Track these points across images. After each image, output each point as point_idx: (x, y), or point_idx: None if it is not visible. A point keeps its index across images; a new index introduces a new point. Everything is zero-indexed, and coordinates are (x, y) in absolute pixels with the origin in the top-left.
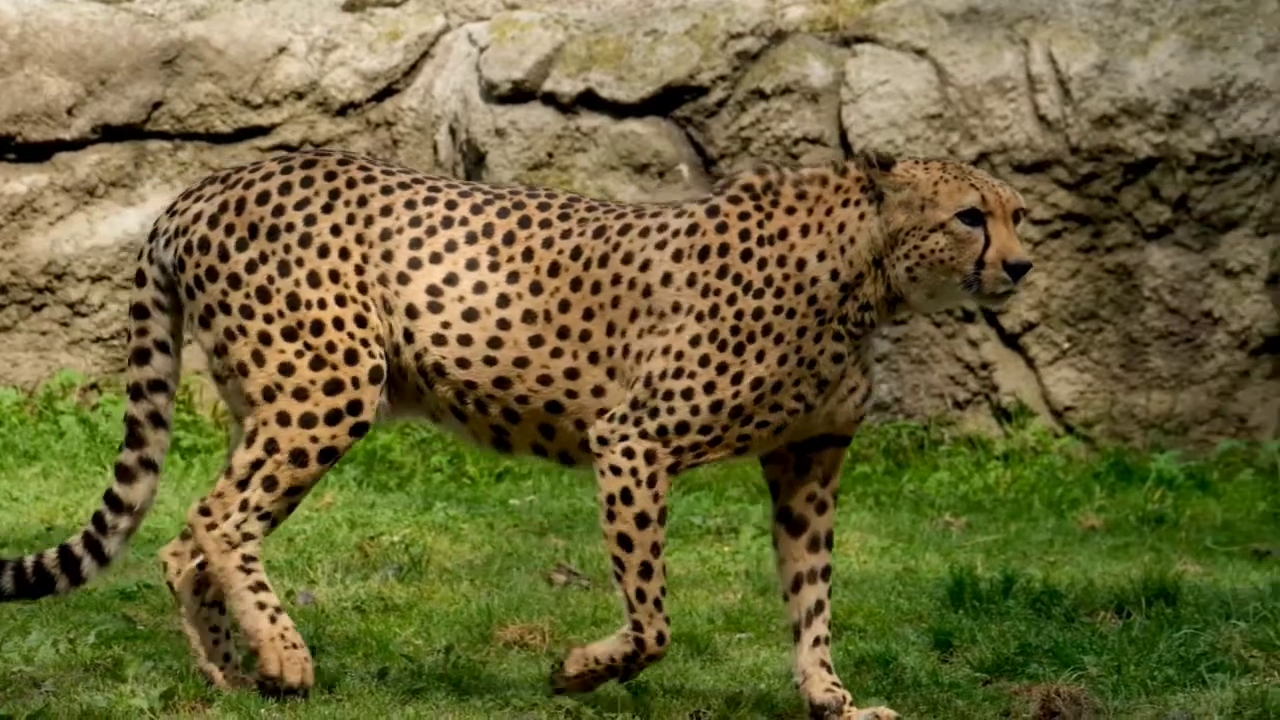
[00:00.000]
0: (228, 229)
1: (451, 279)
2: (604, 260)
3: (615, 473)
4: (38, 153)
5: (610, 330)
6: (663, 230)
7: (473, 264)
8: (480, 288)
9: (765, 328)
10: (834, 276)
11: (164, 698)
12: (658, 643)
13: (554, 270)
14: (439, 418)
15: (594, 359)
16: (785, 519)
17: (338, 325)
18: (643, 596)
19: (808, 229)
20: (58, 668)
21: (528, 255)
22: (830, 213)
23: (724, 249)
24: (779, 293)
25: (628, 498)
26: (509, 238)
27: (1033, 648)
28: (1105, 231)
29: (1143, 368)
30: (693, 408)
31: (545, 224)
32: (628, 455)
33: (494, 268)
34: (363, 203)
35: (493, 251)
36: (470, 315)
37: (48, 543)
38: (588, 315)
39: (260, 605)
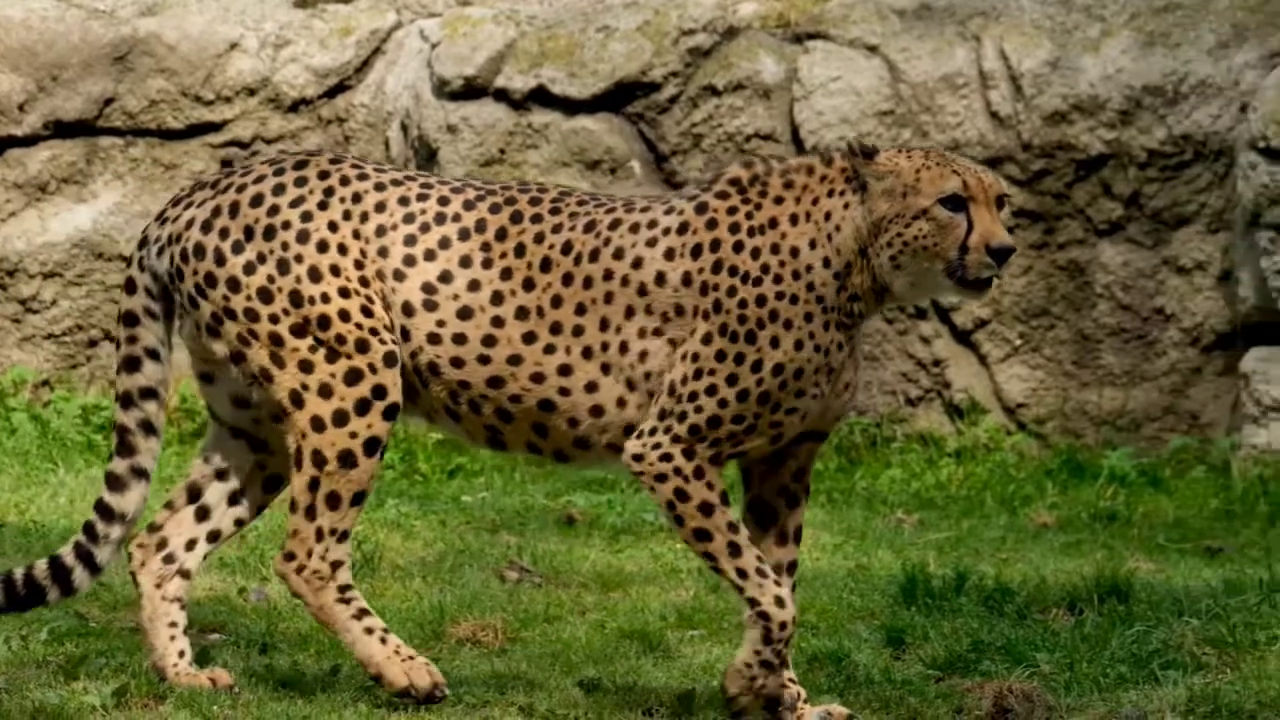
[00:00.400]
0: (222, 233)
1: (446, 276)
2: (595, 255)
3: (661, 480)
4: None
5: (604, 325)
6: (653, 228)
7: (466, 261)
8: (474, 285)
9: (772, 314)
10: (826, 264)
11: (117, 694)
12: (778, 606)
13: (546, 265)
14: (434, 418)
15: (587, 354)
16: (755, 510)
17: (344, 318)
18: (744, 574)
19: (797, 218)
20: (10, 665)
21: (520, 251)
22: (817, 202)
23: (715, 244)
24: (777, 279)
25: (683, 495)
26: (501, 233)
27: (985, 645)
28: (1057, 228)
29: (1095, 365)
30: (720, 401)
31: (537, 219)
32: (666, 459)
33: (487, 264)
34: (357, 199)
35: (485, 247)
36: (465, 313)
37: None
38: (580, 310)
39: (368, 631)
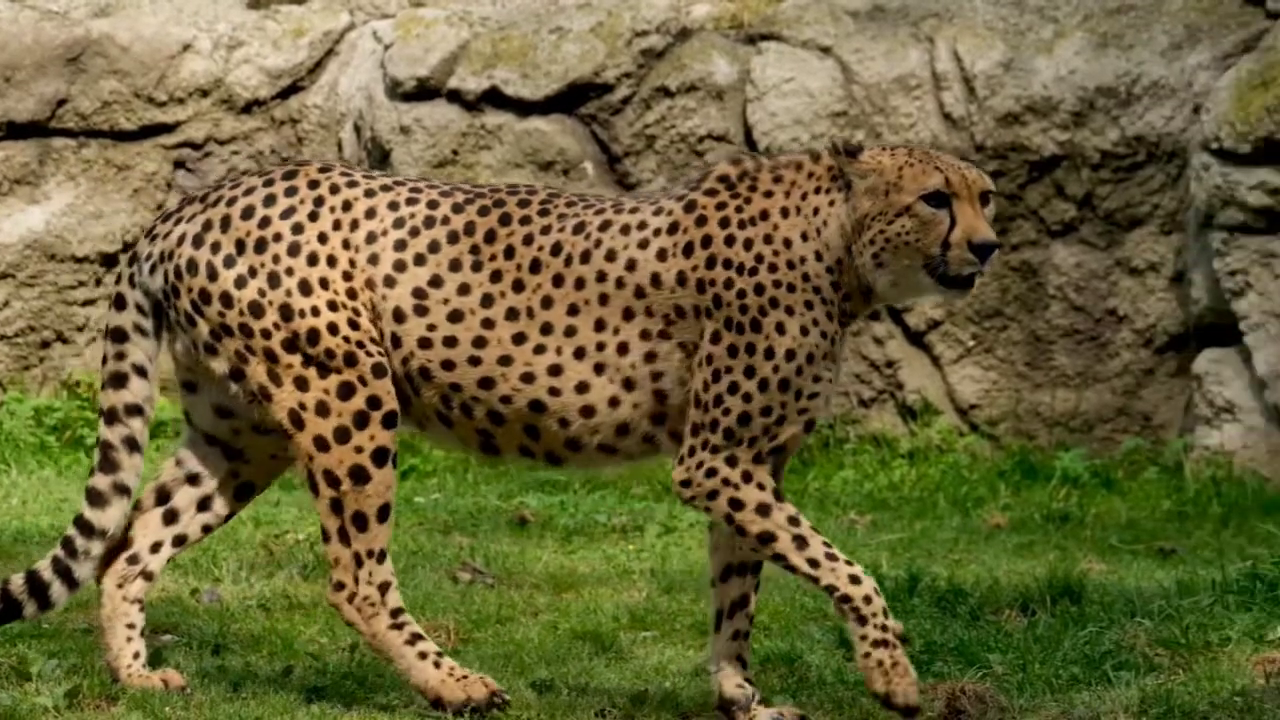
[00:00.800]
0: (214, 247)
1: (436, 280)
2: (586, 257)
3: (713, 497)
4: None
5: (599, 327)
6: (643, 229)
7: (456, 264)
8: (464, 288)
9: (771, 301)
10: (819, 258)
11: (69, 696)
12: (854, 584)
13: (536, 267)
14: (425, 425)
15: (579, 355)
16: None
17: (332, 331)
18: (815, 563)
19: (787, 211)
20: None
21: (510, 253)
22: (805, 197)
23: (707, 240)
24: (772, 268)
25: (737, 504)
26: (490, 235)
27: (938, 646)
28: (1010, 229)
29: (1047, 366)
30: (744, 396)
31: (526, 220)
32: (711, 474)
33: (477, 267)
34: (347, 207)
35: (475, 250)
36: (455, 316)
37: None
38: (572, 311)
39: (422, 656)
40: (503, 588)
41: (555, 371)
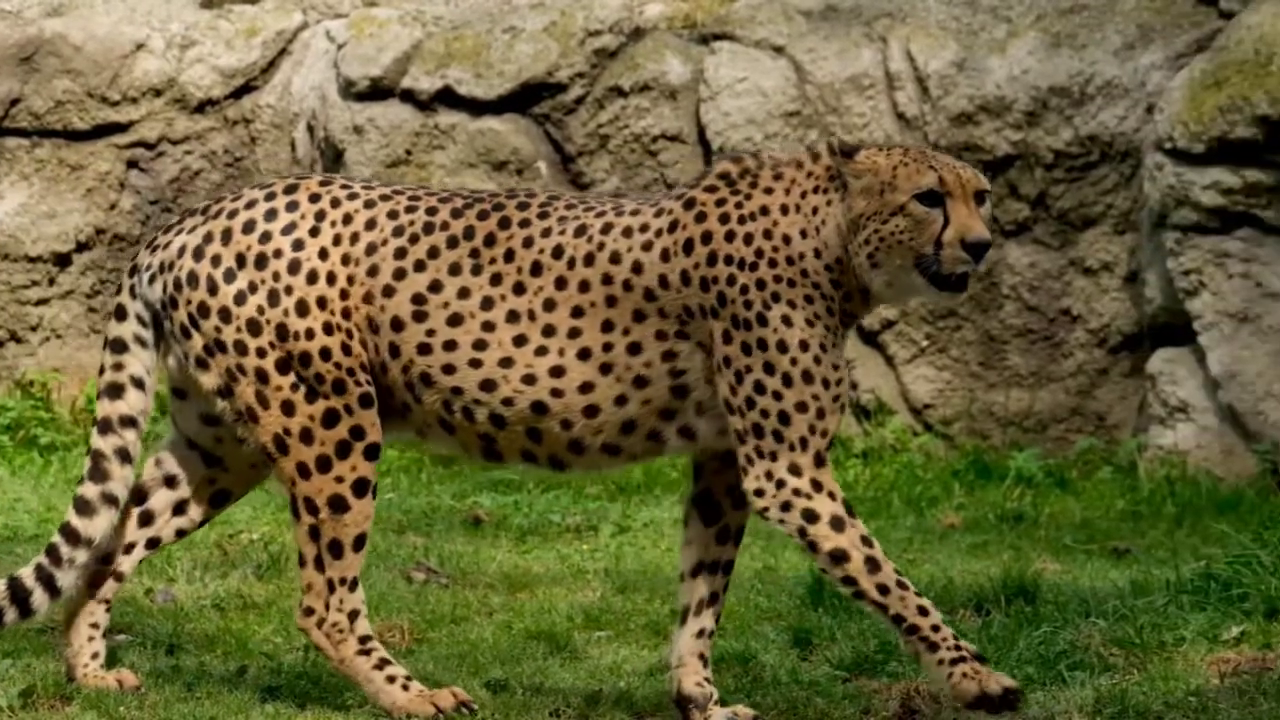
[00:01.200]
0: (214, 260)
1: (435, 285)
2: (590, 259)
3: (787, 509)
4: None
5: (607, 328)
6: (645, 231)
7: (455, 269)
8: (464, 292)
9: (774, 295)
10: (818, 255)
11: (23, 695)
12: (922, 615)
13: (537, 269)
14: (425, 433)
15: (584, 356)
16: (701, 504)
17: (324, 356)
18: (885, 589)
19: (786, 208)
20: None
21: (509, 256)
22: (804, 195)
23: (707, 236)
24: (772, 263)
25: (812, 517)
26: (490, 239)
27: (892, 646)
28: None
29: (1001, 366)
30: (774, 394)
31: (525, 223)
32: (780, 485)
33: (476, 270)
34: (348, 220)
35: (474, 254)
36: (455, 320)
37: None
38: (576, 313)
39: (390, 679)
40: (457, 588)
41: (558, 373)
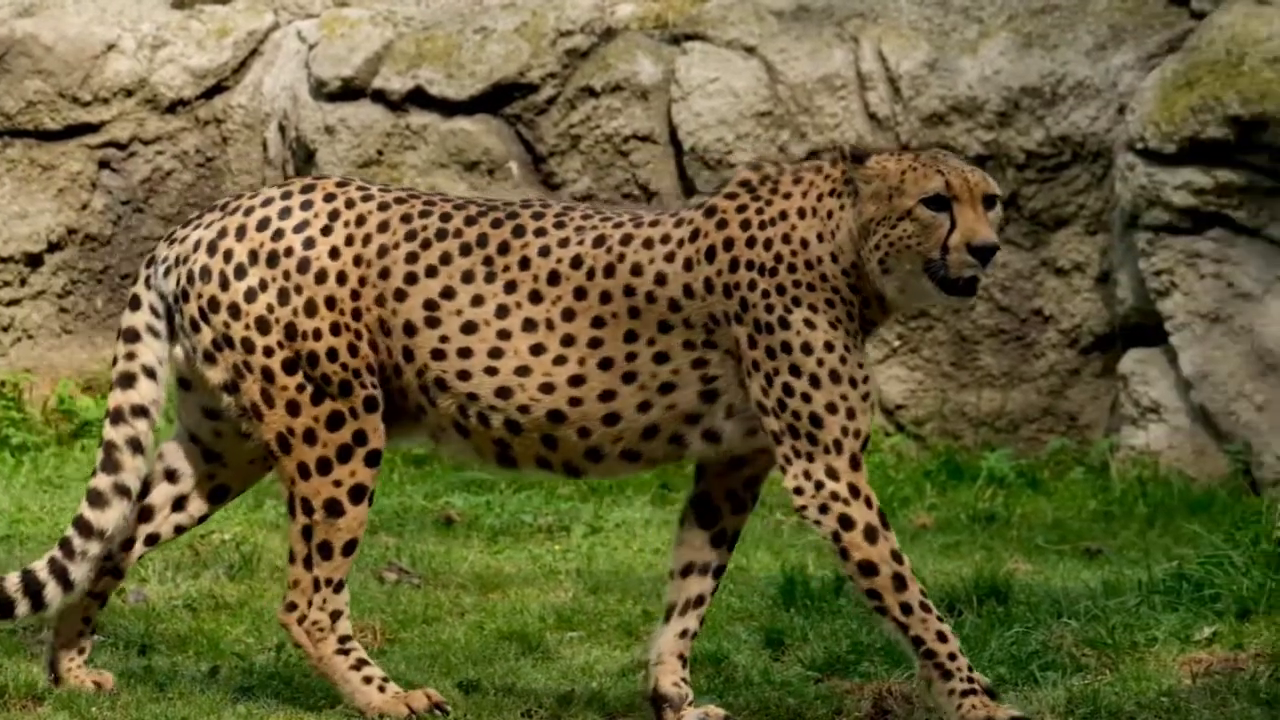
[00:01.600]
0: (226, 255)
1: (448, 292)
2: (610, 270)
3: (824, 511)
4: None
5: (630, 338)
6: (666, 242)
7: (468, 276)
8: (478, 300)
9: (794, 300)
10: (834, 259)
11: None
12: (941, 641)
13: (554, 279)
14: (439, 437)
15: (606, 366)
16: (700, 505)
17: (331, 357)
18: (908, 609)
19: (804, 211)
20: None
21: (524, 264)
22: (821, 199)
23: (729, 243)
24: (791, 268)
25: (848, 523)
26: (504, 247)
27: (864, 646)
28: None
29: (973, 366)
30: (803, 395)
31: (540, 232)
32: (819, 486)
33: (490, 278)
34: (360, 222)
35: (488, 262)
36: (469, 328)
37: None
38: (597, 323)
39: (367, 680)
40: (429, 588)
41: (577, 382)
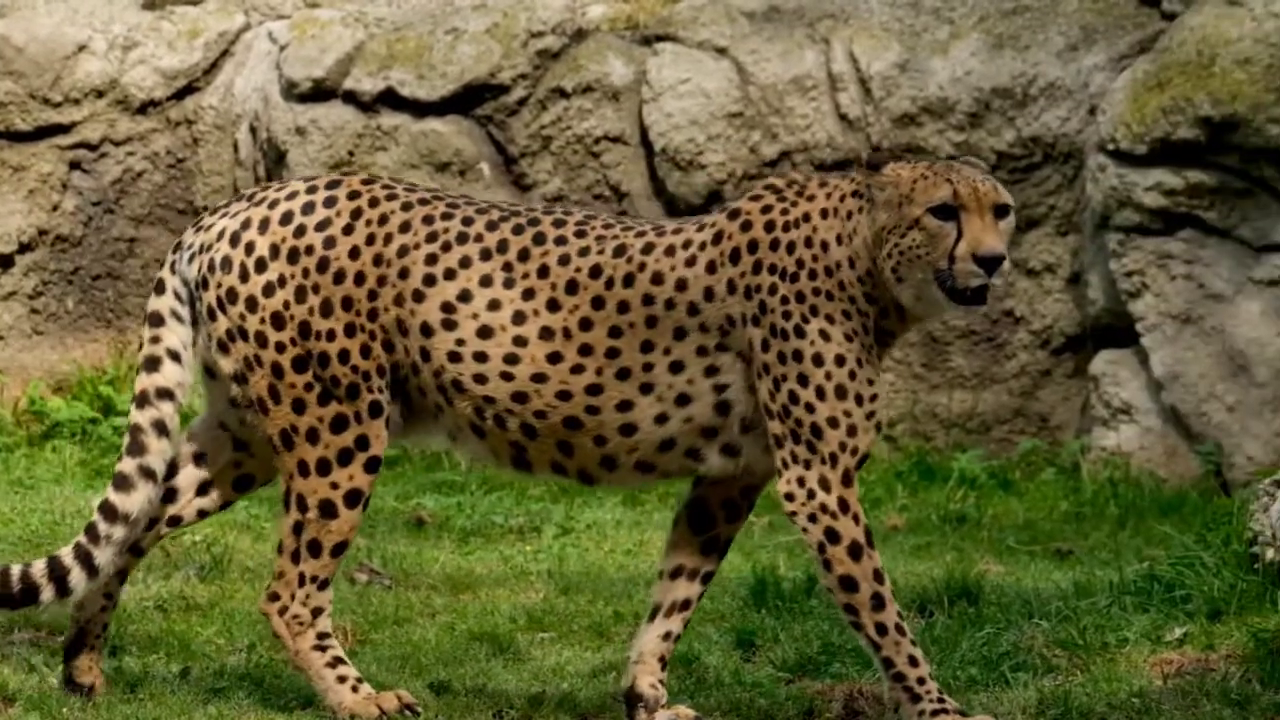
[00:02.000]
0: (248, 247)
1: (465, 295)
2: (629, 280)
3: (813, 520)
4: None
5: (647, 348)
6: (688, 246)
7: (486, 280)
8: (494, 305)
9: (812, 309)
10: (851, 265)
11: None
12: (912, 665)
13: (572, 288)
14: (457, 436)
15: (623, 376)
16: (695, 510)
17: (343, 359)
18: (883, 629)
19: (826, 212)
20: None
21: (543, 272)
22: (844, 199)
23: (753, 245)
24: (812, 274)
25: (834, 536)
26: (524, 254)
27: (835, 647)
28: None
29: (944, 367)
30: (807, 406)
31: (561, 240)
32: (811, 495)
33: (509, 284)
34: (383, 221)
35: (507, 268)
36: (485, 332)
37: None
38: (614, 333)
39: (340, 679)
40: (400, 589)
41: (594, 391)
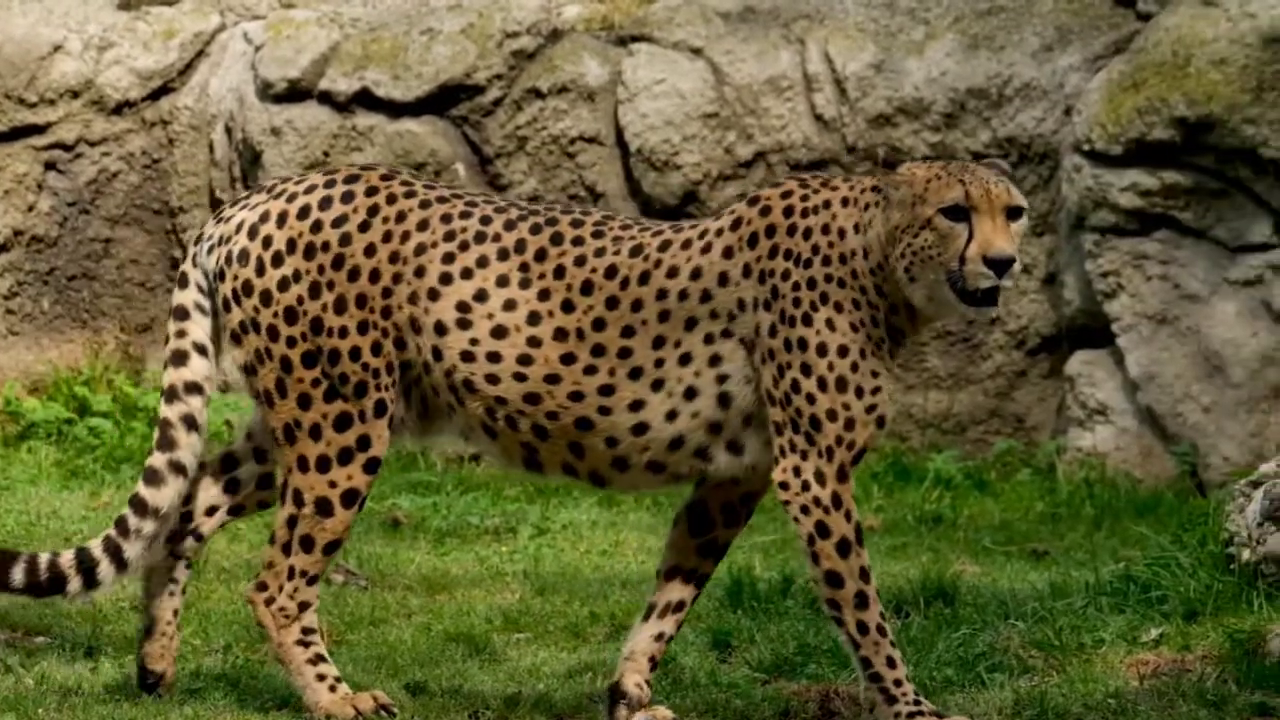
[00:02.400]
0: (265, 241)
1: (481, 295)
2: (645, 278)
3: (806, 512)
4: None
5: (658, 344)
6: (704, 236)
7: (503, 280)
8: (510, 305)
9: (822, 296)
10: (865, 255)
11: None
12: (890, 667)
13: (587, 288)
14: (470, 435)
15: (635, 375)
16: (695, 513)
17: (354, 356)
18: (864, 629)
19: (847, 201)
20: None
21: (559, 272)
22: (864, 191)
23: (771, 230)
24: (825, 260)
25: (824, 530)
26: (541, 254)
27: (811, 648)
28: None
29: (920, 367)
30: (808, 396)
31: (578, 241)
32: (805, 487)
33: (525, 284)
34: (400, 218)
35: (524, 268)
36: (499, 332)
37: None
38: (627, 333)
39: (320, 677)
40: (376, 589)
41: (607, 391)
